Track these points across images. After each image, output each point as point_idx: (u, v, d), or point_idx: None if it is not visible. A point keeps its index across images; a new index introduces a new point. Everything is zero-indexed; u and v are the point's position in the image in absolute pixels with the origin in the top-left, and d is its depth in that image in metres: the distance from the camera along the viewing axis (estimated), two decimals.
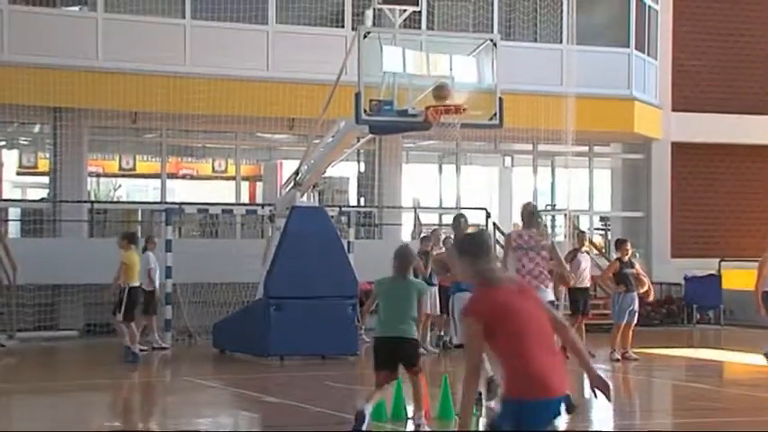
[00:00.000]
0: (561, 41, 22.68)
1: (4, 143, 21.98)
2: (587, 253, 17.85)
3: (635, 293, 16.56)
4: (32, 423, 11.32)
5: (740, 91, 26.11)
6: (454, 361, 16.33)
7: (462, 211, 15.98)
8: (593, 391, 6.20)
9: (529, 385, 5.78)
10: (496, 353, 5.84)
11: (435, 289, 17.45)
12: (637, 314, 16.73)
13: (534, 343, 5.82)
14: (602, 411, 13.05)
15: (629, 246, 16.96)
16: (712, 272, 23.79)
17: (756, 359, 17.48)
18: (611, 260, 18.49)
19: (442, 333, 17.98)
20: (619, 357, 16.30)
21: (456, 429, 7.84)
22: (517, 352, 5.77)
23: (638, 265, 17.01)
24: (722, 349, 19.67)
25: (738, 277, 24.47)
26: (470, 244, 5.98)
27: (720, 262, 24.23)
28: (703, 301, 23.38)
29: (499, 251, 11.29)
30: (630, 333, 16.56)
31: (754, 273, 24.87)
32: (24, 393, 13.53)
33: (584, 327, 17.36)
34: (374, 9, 17.71)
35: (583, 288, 17.36)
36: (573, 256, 17.54)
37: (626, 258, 16.64)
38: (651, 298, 17.89)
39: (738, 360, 17.94)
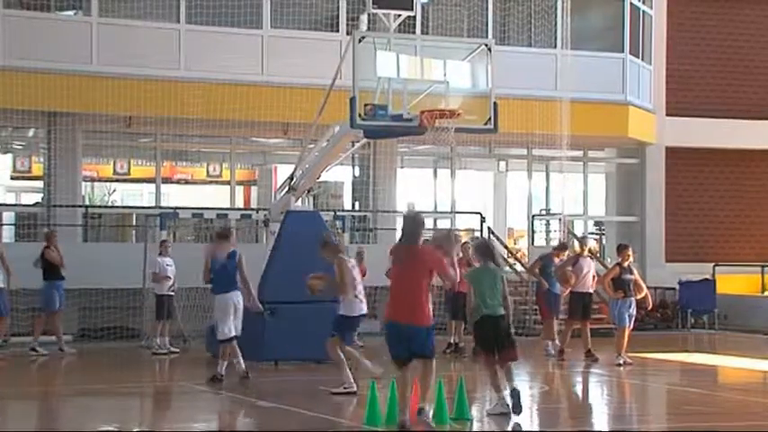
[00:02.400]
0: (556, 46, 22.70)
1: None
2: (591, 258, 17.80)
3: (633, 299, 16.56)
4: (25, 426, 11.29)
5: (734, 96, 26.16)
6: (465, 365, 16.37)
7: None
8: None
9: None
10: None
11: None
12: (633, 319, 16.74)
13: None
14: (597, 416, 13.04)
15: (630, 251, 16.92)
16: (707, 276, 23.81)
17: (750, 363, 17.51)
18: (606, 264, 18.48)
19: (457, 340, 17.96)
20: (622, 362, 16.29)
21: None
22: None
23: (636, 272, 17.00)
24: (716, 354, 19.67)
25: (733, 282, 24.54)
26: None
27: (715, 266, 24.26)
28: (698, 305, 23.39)
29: None
30: (625, 338, 16.56)
31: (748, 277, 25.03)
32: (15, 398, 13.48)
33: (588, 331, 17.37)
34: (369, 14, 17.75)
35: (584, 293, 17.33)
36: (575, 261, 17.53)
37: (626, 264, 16.61)
38: (650, 305, 17.88)
39: (733, 364, 17.94)
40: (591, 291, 17.46)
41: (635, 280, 16.68)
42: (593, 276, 17.59)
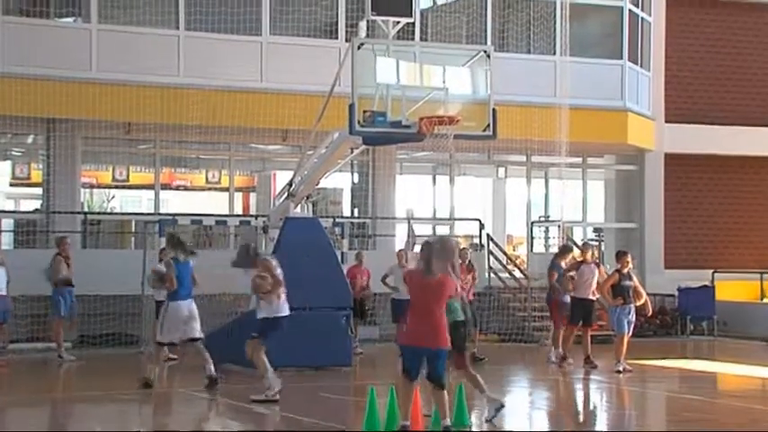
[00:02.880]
0: (555, 53, 22.70)
1: None
2: (596, 264, 17.73)
3: (632, 305, 16.54)
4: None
5: (733, 102, 26.17)
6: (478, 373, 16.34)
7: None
8: None
9: None
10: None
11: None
12: (632, 326, 16.72)
13: None
14: (596, 423, 13.02)
15: (629, 258, 16.88)
16: (706, 283, 23.80)
17: (750, 370, 17.49)
18: (605, 271, 18.44)
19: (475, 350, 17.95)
20: (621, 369, 16.26)
21: None
22: None
23: (636, 279, 16.97)
24: (716, 360, 19.65)
25: (732, 288, 24.52)
26: None
27: (714, 273, 24.25)
28: (697, 312, 23.38)
29: None
30: (624, 345, 16.54)
31: (747, 284, 25.02)
32: (13, 405, 13.46)
33: (589, 338, 17.34)
34: (368, 20, 17.77)
35: (585, 299, 17.27)
36: (577, 267, 17.49)
37: (626, 270, 16.58)
38: (650, 312, 17.85)
39: (732, 371, 17.92)
40: (592, 297, 17.39)
41: (634, 287, 16.66)
42: (597, 283, 17.56)
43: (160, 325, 14.37)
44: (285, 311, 13.14)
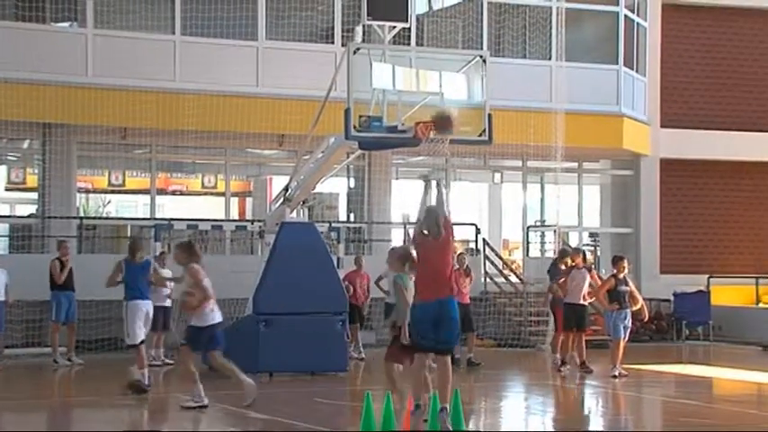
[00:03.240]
0: (550, 58, 22.71)
1: None
2: (587, 269, 17.70)
3: (628, 310, 16.53)
4: None
5: (728, 107, 26.20)
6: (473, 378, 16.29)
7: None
8: None
9: None
10: None
11: None
12: (628, 331, 16.71)
13: None
14: (592, 428, 13.01)
15: (625, 263, 16.87)
16: (701, 288, 23.80)
17: (745, 375, 17.48)
18: (601, 276, 18.45)
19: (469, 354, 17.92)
20: (617, 374, 16.25)
21: None
22: None
23: (632, 284, 16.96)
24: (711, 365, 19.65)
25: (727, 293, 24.53)
26: None
27: (709, 278, 24.26)
28: (692, 316, 23.38)
29: None
30: (621, 350, 16.53)
31: (742, 289, 25.02)
32: (7, 410, 13.42)
33: (584, 343, 17.33)
34: (364, 25, 17.72)
35: (577, 304, 17.25)
36: (567, 272, 17.48)
37: (622, 275, 16.58)
38: (646, 317, 17.84)
39: (728, 376, 17.92)
40: (583, 302, 17.36)
41: (630, 291, 16.65)
42: (591, 288, 17.54)
43: (126, 327, 14.39)
44: (215, 320, 12.95)
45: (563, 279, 17.47)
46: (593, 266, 18.35)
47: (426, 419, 10.84)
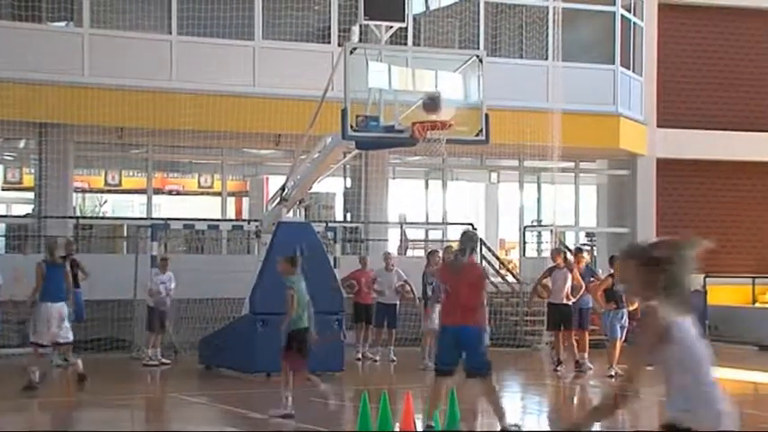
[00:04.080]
0: (547, 58, 22.71)
1: None
2: (569, 270, 17.72)
3: (625, 310, 16.54)
4: None
5: (725, 107, 26.21)
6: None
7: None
8: None
9: None
10: None
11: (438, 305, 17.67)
12: (625, 331, 16.73)
13: None
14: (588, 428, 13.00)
15: None
16: (697, 287, 23.79)
17: (742, 374, 17.48)
18: (598, 276, 18.44)
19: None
20: (614, 374, 16.26)
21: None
22: None
23: None
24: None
25: (724, 293, 24.53)
26: None
27: (705, 278, 24.25)
28: None
29: None
30: (617, 350, 16.54)
31: (739, 288, 25.04)
32: (3, 411, 13.41)
33: (582, 341, 17.35)
34: (360, 25, 17.70)
35: (559, 304, 17.31)
36: (549, 272, 17.55)
37: (618, 276, 16.57)
38: None
39: (724, 376, 17.90)
40: (567, 302, 17.42)
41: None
42: (579, 287, 17.56)
43: (32, 325, 14.38)
44: None
45: (546, 281, 17.48)
46: (572, 266, 18.33)
47: (430, 426, 10.85)
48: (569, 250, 20.54)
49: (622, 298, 16.49)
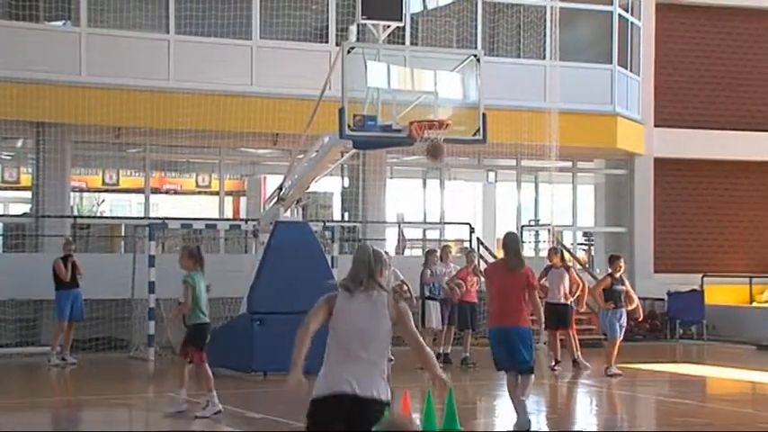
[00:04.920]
0: (544, 57, 22.72)
1: None
2: (565, 269, 17.76)
3: (624, 310, 16.53)
4: None
5: (722, 107, 26.22)
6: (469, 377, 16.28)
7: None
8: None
9: None
10: None
11: (438, 303, 17.74)
12: (624, 330, 16.74)
13: None
14: (586, 427, 13.02)
15: (622, 262, 16.86)
16: (695, 287, 23.82)
17: (739, 374, 17.49)
18: (595, 275, 18.46)
19: (468, 354, 17.89)
20: (612, 373, 16.28)
21: None
22: None
23: (627, 283, 16.96)
24: (705, 364, 19.66)
25: (721, 293, 24.55)
26: None
27: (703, 277, 24.28)
28: (686, 316, 23.39)
29: None
30: (616, 349, 16.56)
31: (736, 288, 25.05)
32: (3, 411, 13.40)
33: (570, 340, 17.39)
34: (358, 25, 17.73)
35: (556, 303, 17.36)
36: (545, 272, 17.59)
37: (618, 275, 16.58)
38: (641, 317, 17.85)
39: (722, 375, 17.93)
40: (564, 301, 17.46)
41: (626, 291, 16.67)
42: (576, 286, 17.59)
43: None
44: None
45: (543, 281, 17.51)
46: (569, 265, 18.36)
47: None
48: (567, 250, 20.56)
49: (621, 297, 16.52)
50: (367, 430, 6.50)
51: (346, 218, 23.45)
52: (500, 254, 25.28)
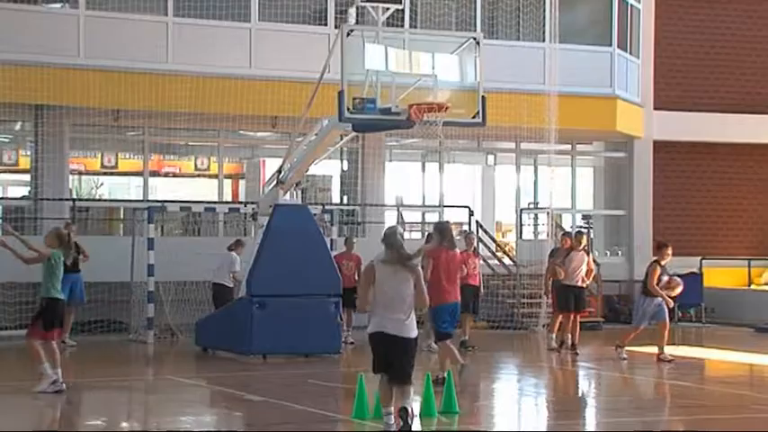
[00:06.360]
0: (544, 40, 22.68)
1: None
2: (585, 252, 17.72)
3: (660, 299, 16.30)
4: (11, 422, 11.24)
5: (722, 90, 26.19)
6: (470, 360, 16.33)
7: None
8: None
9: None
10: None
11: None
12: (667, 313, 16.41)
13: None
14: (587, 409, 13.06)
15: (669, 250, 16.49)
16: (694, 270, 23.84)
17: (738, 356, 17.53)
18: (595, 258, 18.40)
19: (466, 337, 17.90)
20: (626, 357, 16.24)
21: None
22: None
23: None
24: (704, 347, 19.70)
25: (720, 275, 24.59)
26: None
27: (702, 260, 24.30)
28: (685, 299, 23.29)
29: None
30: (666, 333, 16.34)
31: (735, 270, 25.08)
32: (4, 393, 13.43)
33: (578, 323, 17.39)
34: (357, 7, 17.68)
35: (574, 286, 17.29)
36: (565, 254, 17.51)
37: (664, 263, 16.33)
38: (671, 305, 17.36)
39: (720, 357, 17.98)
40: (581, 284, 17.41)
41: (668, 280, 16.45)
42: (589, 271, 17.52)
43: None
44: None
45: (559, 261, 17.50)
46: (588, 249, 18.30)
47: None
48: (567, 233, 20.54)
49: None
50: (406, 356, 9.67)
51: (345, 201, 23.45)
52: (498, 236, 25.39)
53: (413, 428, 9.63)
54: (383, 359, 9.65)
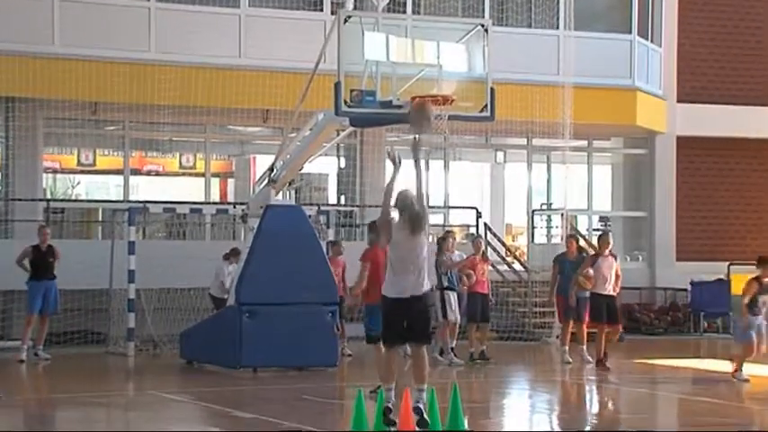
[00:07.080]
0: (558, 27, 22.72)
1: None
2: (613, 256, 17.51)
3: (761, 317, 15.91)
4: None
5: (750, 81, 26.22)
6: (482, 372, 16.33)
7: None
8: None
9: None
10: None
11: (455, 294, 17.56)
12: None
13: None
14: (601, 427, 13.07)
15: None
16: (720, 276, 23.85)
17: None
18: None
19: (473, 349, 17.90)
20: (748, 378, 16.04)
21: None
22: None
23: None
24: (732, 360, 19.67)
25: None
26: None
27: (729, 266, 24.30)
28: (711, 308, 23.44)
29: None
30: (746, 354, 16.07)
31: None
32: None
33: (609, 337, 17.21)
34: None
35: (605, 295, 17.10)
36: (593, 261, 17.37)
37: (766, 279, 15.86)
38: None
39: (750, 372, 17.96)
40: (612, 293, 17.22)
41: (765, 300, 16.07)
42: (617, 277, 17.28)
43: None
44: None
45: (589, 270, 17.25)
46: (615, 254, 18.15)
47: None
48: (582, 236, 20.57)
49: (760, 306, 15.88)
50: (424, 313, 10.56)
51: (343, 201, 23.49)
52: (508, 240, 25.39)
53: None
54: (399, 328, 10.48)
